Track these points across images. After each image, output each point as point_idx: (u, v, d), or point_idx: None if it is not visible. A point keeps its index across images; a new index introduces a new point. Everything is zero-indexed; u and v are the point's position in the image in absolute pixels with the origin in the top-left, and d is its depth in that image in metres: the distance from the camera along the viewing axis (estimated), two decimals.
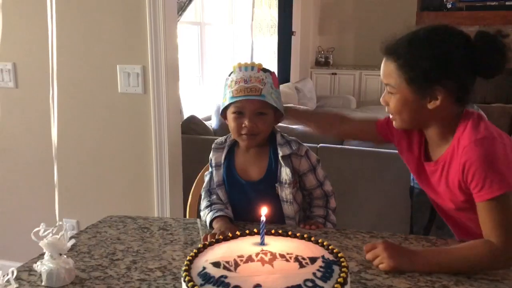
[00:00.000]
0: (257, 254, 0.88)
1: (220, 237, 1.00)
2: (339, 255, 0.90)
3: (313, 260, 0.87)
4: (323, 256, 0.89)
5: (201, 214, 1.47)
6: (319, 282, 0.80)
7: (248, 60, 1.43)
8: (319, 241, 0.96)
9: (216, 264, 0.86)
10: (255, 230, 0.99)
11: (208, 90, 4.29)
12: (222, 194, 1.46)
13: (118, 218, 1.48)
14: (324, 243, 0.95)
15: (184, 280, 0.83)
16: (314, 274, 0.82)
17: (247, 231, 1.00)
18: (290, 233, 1.00)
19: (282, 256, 0.88)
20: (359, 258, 1.18)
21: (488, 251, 1.13)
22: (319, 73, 6.58)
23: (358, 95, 6.36)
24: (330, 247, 0.94)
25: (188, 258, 0.91)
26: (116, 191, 2.34)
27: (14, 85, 2.37)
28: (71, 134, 2.31)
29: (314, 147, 2.56)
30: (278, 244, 0.93)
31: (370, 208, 2.63)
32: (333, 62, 6.64)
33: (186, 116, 3.21)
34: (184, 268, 0.87)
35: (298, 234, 0.99)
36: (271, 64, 5.19)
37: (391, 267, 1.10)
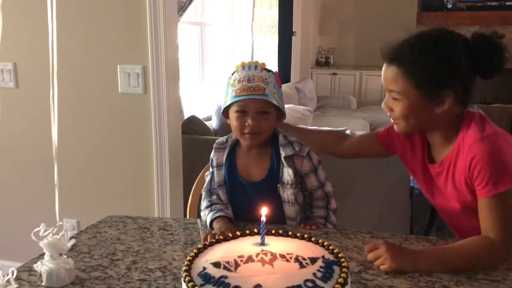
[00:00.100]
0: (257, 254, 0.88)
1: (220, 237, 1.00)
2: (340, 255, 0.90)
3: (313, 260, 0.87)
4: (323, 257, 0.89)
5: (201, 214, 1.47)
6: (319, 283, 0.80)
7: (249, 61, 1.43)
8: (320, 241, 0.96)
9: (217, 264, 0.86)
10: (255, 230, 0.99)
11: (209, 90, 4.29)
12: (222, 194, 1.46)
13: (119, 218, 1.48)
14: (325, 243, 0.95)
15: (184, 281, 0.83)
16: (315, 274, 0.82)
17: (247, 231, 1.00)
18: (290, 233, 0.99)
19: (283, 256, 0.87)
20: (359, 259, 1.18)
21: (487, 247, 1.14)
22: (319, 73, 6.58)
23: (358, 95, 6.36)
24: (330, 248, 0.94)
25: (188, 258, 0.91)
26: (116, 191, 2.34)
27: (14, 85, 2.37)
28: (72, 134, 2.31)
29: None
30: (279, 244, 0.93)
31: (371, 209, 2.63)
32: (333, 62, 6.64)
33: (186, 116, 3.21)
34: (184, 268, 0.87)
35: (298, 234, 0.99)
36: (272, 64, 5.19)
37: (393, 268, 1.10)
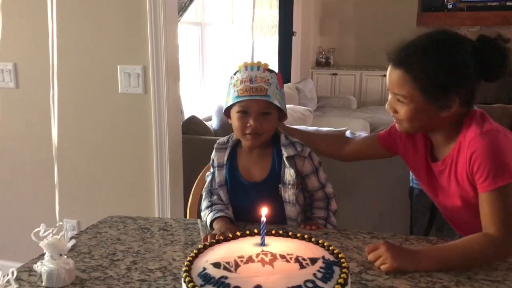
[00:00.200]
0: (257, 255, 0.88)
1: (220, 237, 0.99)
2: (340, 255, 0.90)
3: (313, 260, 0.87)
4: (323, 257, 0.89)
5: (201, 214, 1.47)
6: (319, 283, 0.80)
7: (249, 61, 1.43)
8: (320, 241, 0.96)
9: (217, 265, 0.86)
10: (255, 231, 0.99)
11: (209, 91, 4.29)
12: (223, 195, 1.46)
13: (119, 218, 1.48)
14: (325, 244, 0.95)
15: (185, 281, 0.83)
16: (315, 275, 0.82)
17: (247, 232, 1.00)
18: (290, 233, 0.99)
19: (283, 256, 0.87)
20: (359, 259, 1.18)
21: (487, 243, 1.15)
22: (319, 73, 6.59)
23: (358, 95, 6.36)
24: (330, 248, 0.93)
25: (188, 258, 0.91)
26: (116, 192, 2.34)
27: (14, 85, 2.37)
28: (72, 135, 2.31)
29: None
30: (279, 244, 0.93)
31: (371, 209, 2.62)
32: (333, 63, 6.64)
33: (186, 116, 3.21)
34: (184, 268, 0.87)
35: (298, 235, 0.99)
36: (272, 64, 5.18)
37: (394, 268, 1.10)
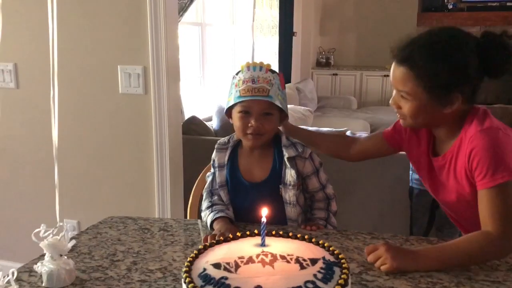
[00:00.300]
0: (257, 255, 0.88)
1: (221, 238, 0.99)
2: (340, 256, 0.90)
3: (313, 261, 0.87)
4: (323, 258, 0.89)
5: (202, 215, 1.47)
6: (319, 284, 0.80)
7: (249, 61, 1.43)
8: (320, 242, 0.96)
9: (217, 266, 0.86)
10: (255, 231, 0.99)
11: (209, 91, 4.29)
12: (224, 195, 1.46)
13: (119, 218, 1.48)
14: (325, 244, 0.95)
15: (185, 282, 0.83)
16: (315, 275, 0.82)
17: (247, 232, 0.99)
18: (290, 234, 0.99)
19: (283, 257, 0.87)
20: (360, 259, 1.18)
21: (486, 241, 1.14)
22: (320, 73, 6.59)
23: (359, 95, 6.36)
24: (331, 248, 0.93)
25: (188, 259, 0.90)
26: (116, 192, 2.34)
27: (15, 85, 2.37)
28: (72, 135, 2.31)
29: None
30: (279, 245, 0.93)
31: (371, 209, 2.62)
32: (334, 63, 6.64)
33: (187, 116, 3.21)
34: (184, 269, 0.87)
35: (298, 235, 0.99)
36: (272, 64, 5.16)
37: (394, 268, 1.10)
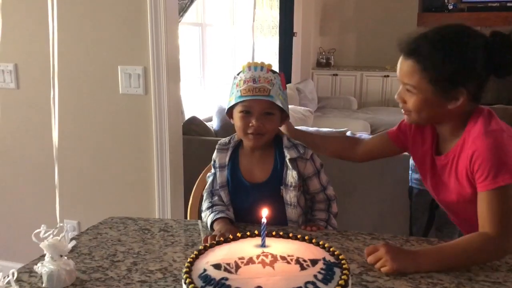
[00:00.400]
0: (258, 256, 0.88)
1: (221, 239, 0.99)
2: (340, 257, 0.90)
3: (314, 262, 0.87)
4: (324, 258, 0.89)
5: (202, 215, 1.47)
6: (320, 285, 0.80)
7: (250, 61, 1.43)
8: (320, 243, 0.96)
9: (217, 266, 0.86)
10: (256, 232, 0.99)
11: (209, 91, 4.29)
12: (224, 196, 1.46)
13: (119, 219, 1.48)
14: (325, 245, 0.95)
15: (185, 282, 0.83)
16: (315, 276, 0.82)
17: (248, 233, 0.99)
18: (291, 235, 0.99)
19: (283, 258, 0.87)
20: (360, 260, 1.18)
21: (484, 242, 1.15)
22: (320, 74, 6.59)
23: (359, 96, 6.37)
24: (331, 249, 0.93)
25: (189, 260, 0.90)
26: (117, 192, 2.34)
27: (15, 86, 2.37)
28: (72, 135, 2.31)
29: None
30: (279, 246, 0.93)
31: (371, 210, 2.62)
32: (334, 63, 6.65)
33: (187, 117, 3.21)
34: (185, 270, 0.87)
35: (299, 236, 0.99)
36: (273, 65, 5.17)
37: (394, 270, 1.10)
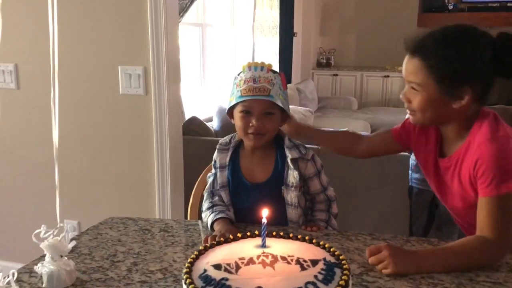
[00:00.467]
0: (258, 257, 0.88)
1: (221, 239, 0.99)
2: (341, 257, 0.90)
3: (314, 262, 0.87)
4: (324, 259, 0.89)
5: (202, 215, 1.47)
6: (320, 285, 0.80)
7: (250, 61, 1.43)
8: (321, 243, 0.96)
9: (217, 267, 0.86)
10: (256, 232, 0.99)
11: (210, 91, 4.29)
12: (225, 196, 1.46)
13: (119, 219, 1.48)
14: (326, 245, 0.95)
15: (185, 283, 0.83)
16: (316, 276, 0.82)
17: (248, 233, 0.99)
18: (291, 235, 0.99)
19: (284, 258, 0.87)
20: (360, 261, 1.17)
21: (482, 246, 1.15)
22: (320, 74, 6.59)
23: (359, 96, 6.36)
24: (331, 250, 0.93)
25: (189, 260, 0.90)
26: (117, 193, 2.33)
27: (15, 86, 2.37)
28: (72, 135, 2.31)
29: (316, 149, 2.56)
30: (280, 246, 0.93)
31: (372, 210, 2.62)
32: (334, 63, 6.64)
33: (187, 117, 3.21)
34: (185, 270, 0.87)
35: (299, 236, 0.99)
36: (273, 65, 5.17)
37: (396, 273, 1.09)
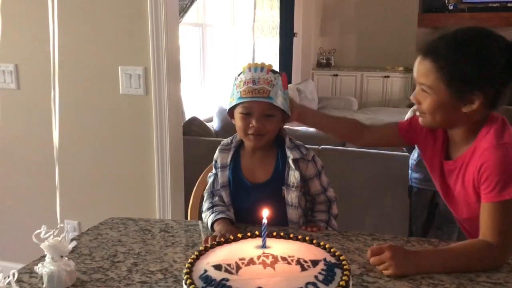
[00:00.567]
0: (258, 257, 0.88)
1: (221, 239, 0.99)
2: (341, 257, 0.90)
3: (315, 263, 0.87)
4: (325, 259, 0.89)
5: (202, 216, 1.47)
6: (321, 285, 0.80)
7: (250, 62, 1.43)
8: (321, 243, 0.96)
9: (218, 267, 0.86)
10: (256, 233, 0.99)
11: (210, 92, 4.29)
12: (225, 196, 1.46)
13: (120, 220, 1.48)
14: (326, 246, 0.95)
15: (186, 283, 0.83)
16: (316, 277, 0.82)
17: (248, 234, 0.99)
18: (291, 235, 0.99)
19: (284, 259, 0.87)
20: (361, 261, 1.17)
21: (484, 249, 1.15)
22: (320, 74, 6.58)
23: (359, 96, 6.36)
24: (332, 250, 0.93)
25: (189, 260, 0.90)
26: (117, 193, 2.33)
27: (15, 86, 2.37)
28: (73, 136, 2.31)
29: (316, 149, 2.56)
30: (280, 246, 0.93)
31: (372, 209, 2.62)
32: (334, 64, 6.64)
33: (187, 117, 3.21)
34: (185, 270, 0.87)
35: (300, 237, 0.99)
36: (273, 65, 5.17)
37: (397, 275, 1.09)
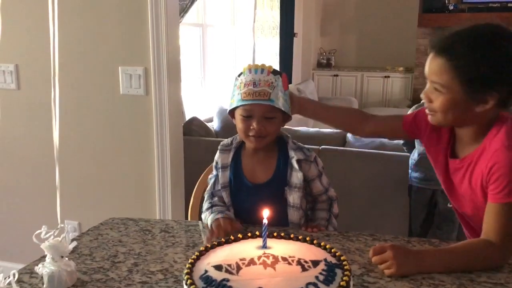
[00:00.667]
0: (259, 257, 0.88)
1: (222, 240, 0.99)
2: (342, 258, 0.90)
3: (315, 263, 0.87)
4: (325, 259, 0.89)
5: (202, 216, 1.47)
6: (321, 286, 0.80)
7: (250, 62, 1.43)
8: (322, 244, 0.96)
9: (218, 267, 0.86)
10: (257, 233, 0.99)
11: (210, 92, 4.29)
12: (226, 196, 1.45)
13: (120, 220, 1.48)
14: (327, 246, 0.95)
15: (186, 283, 0.83)
16: (317, 277, 0.82)
17: (249, 234, 0.99)
18: (292, 236, 0.99)
19: (284, 259, 0.87)
20: (361, 261, 1.17)
21: (487, 249, 1.15)
22: (321, 74, 6.59)
23: (360, 96, 6.36)
24: (332, 250, 0.93)
25: (190, 261, 0.91)
26: (117, 193, 2.33)
27: (16, 86, 2.37)
28: (73, 136, 2.31)
29: (316, 149, 2.56)
30: (281, 247, 0.93)
31: (372, 209, 2.62)
32: (335, 64, 6.64)
33: (188, 117, 3.21)
34: (186, 271, 0.87)
35: (300, 237, 0.99)
36: (273, 66, 5.17)
37: (398, 275, 1.09)
